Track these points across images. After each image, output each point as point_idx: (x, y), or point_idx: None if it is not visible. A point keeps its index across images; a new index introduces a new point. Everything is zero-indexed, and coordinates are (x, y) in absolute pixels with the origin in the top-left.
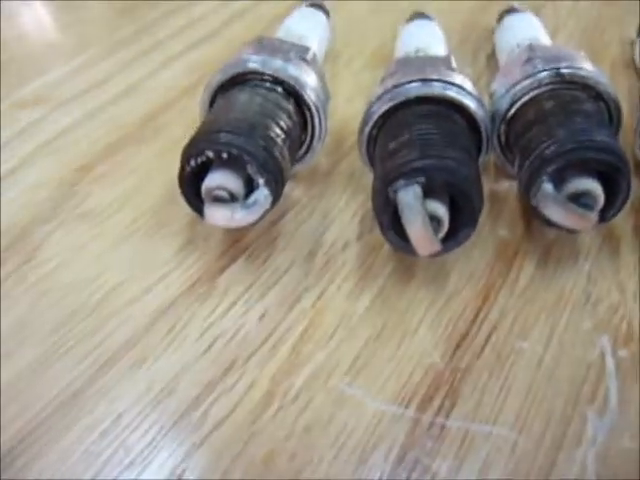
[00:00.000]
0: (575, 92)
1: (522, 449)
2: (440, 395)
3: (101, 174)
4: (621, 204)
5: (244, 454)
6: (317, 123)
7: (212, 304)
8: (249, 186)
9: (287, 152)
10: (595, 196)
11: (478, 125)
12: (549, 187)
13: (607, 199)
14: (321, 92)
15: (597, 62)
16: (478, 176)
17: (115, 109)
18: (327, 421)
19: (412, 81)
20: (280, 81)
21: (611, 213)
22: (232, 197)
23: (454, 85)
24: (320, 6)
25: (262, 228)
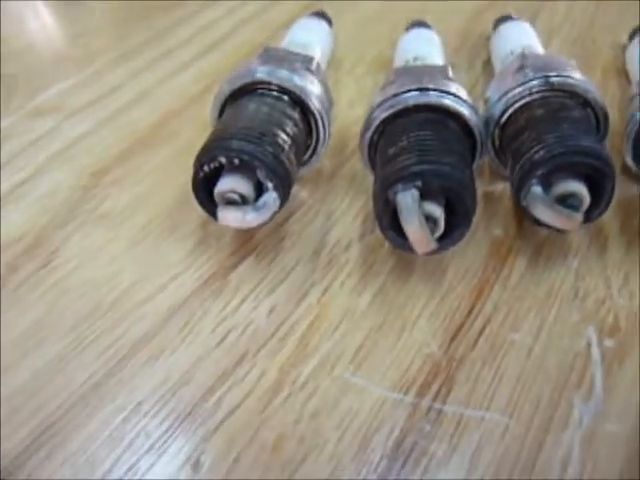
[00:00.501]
0: (564, 99)
1: (512, 432)
2: (437, 382)
3: (115, 179)
4: (606, 205)
5: (256, 438)
6: (321, 129)
7: (224, 300)
8: (259, 189)
9: (294, 157)
10: (581, 198)
11: (472, 131)
12: (538, 189)
13: (593, 200)
14: (325, 100)
15: (590, 67)
16: (472, 180)
17: (127, 116)
18: (332, 407)
19: (410, 90)
20: (286, 90)
21: (597, 213)
22: (243, 200)
23: (450, 94)
24: (323, 15)
25: (270, 229)
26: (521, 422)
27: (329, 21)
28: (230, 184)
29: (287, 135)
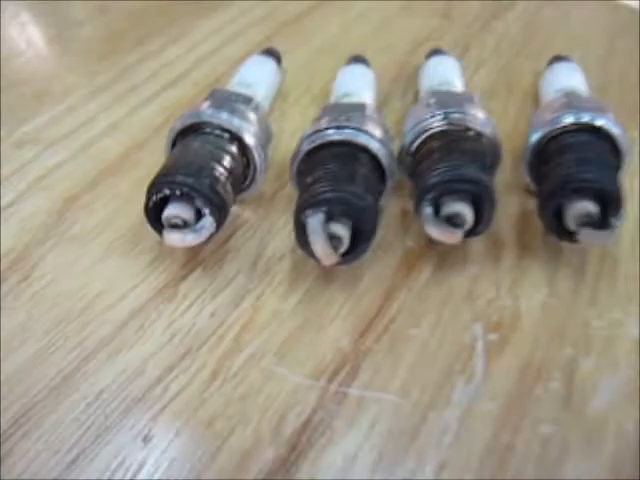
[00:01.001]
0: (460, 132)
1: (403, 410)
2: (345, 371)
3: (85, 203)
4: (487, 222)
5: (194, 417)
6: (257, 161)
7: (174, 306)
8: (199, 214)
9: (230, 187)
10: (464, 217)
11: (381, 163)
12: (429, 210)
13: (476, 218)
14: (261, 136)
15: (511, 92)
16: (373, 205)
17: (97, 147)
18: (257, 391)
19: (329, 128)
20: (226, 129)
21: (481, 228)
22: (185, 224)
23: (361, 131)
24: (272, 52)
25: (216, 244)
26: (411, 401)
27: (278, 58)
28: (174, 211)
29: (224, 168)
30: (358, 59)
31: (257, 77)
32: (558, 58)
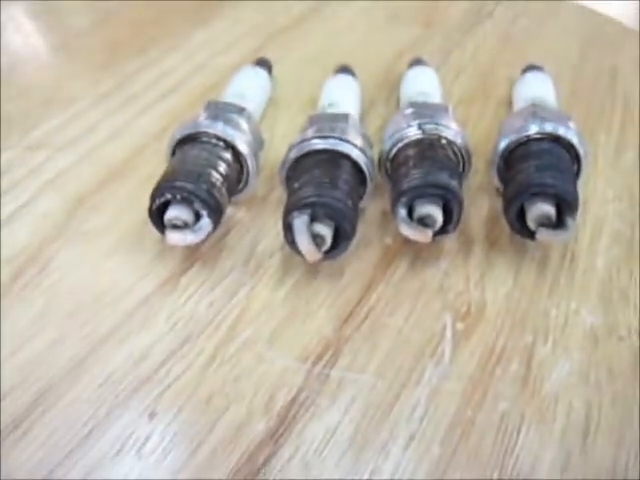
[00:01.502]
0: (433, 141)
1: (378, 389)
2: (328, 354)
3: (94, 204)
4: (455, 223)
5: (194, 395)
6: (250, 166)
7: (175, 297)
8: (197, 216)
9: (225, 191)
10: (434, 218)
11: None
12: (403, 212)
13: (446, 219)
14: (253, 143)
15: (487, 98)
16: (353, 208)
17: (102, 151)
18: (250, 373)
19: (314, 137)
20: (221, 138)
21: (449, 228)
22: (185, 225)
23: (343, 140)
24: (264, 62)
25: (212, 242)
26: (385, 381)
27: (269, 68)
28: (175, 213)
29: (220, 174)
30: (344, 69)
31: (249, 88)
32: (531, 67)
